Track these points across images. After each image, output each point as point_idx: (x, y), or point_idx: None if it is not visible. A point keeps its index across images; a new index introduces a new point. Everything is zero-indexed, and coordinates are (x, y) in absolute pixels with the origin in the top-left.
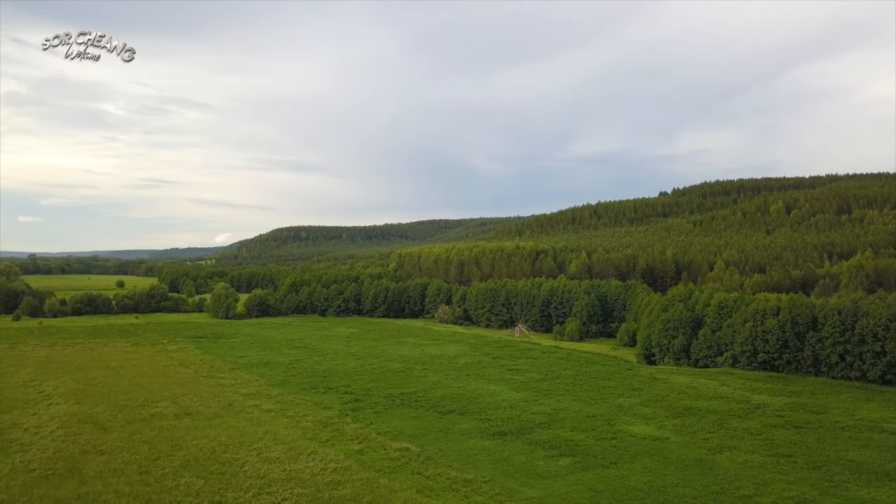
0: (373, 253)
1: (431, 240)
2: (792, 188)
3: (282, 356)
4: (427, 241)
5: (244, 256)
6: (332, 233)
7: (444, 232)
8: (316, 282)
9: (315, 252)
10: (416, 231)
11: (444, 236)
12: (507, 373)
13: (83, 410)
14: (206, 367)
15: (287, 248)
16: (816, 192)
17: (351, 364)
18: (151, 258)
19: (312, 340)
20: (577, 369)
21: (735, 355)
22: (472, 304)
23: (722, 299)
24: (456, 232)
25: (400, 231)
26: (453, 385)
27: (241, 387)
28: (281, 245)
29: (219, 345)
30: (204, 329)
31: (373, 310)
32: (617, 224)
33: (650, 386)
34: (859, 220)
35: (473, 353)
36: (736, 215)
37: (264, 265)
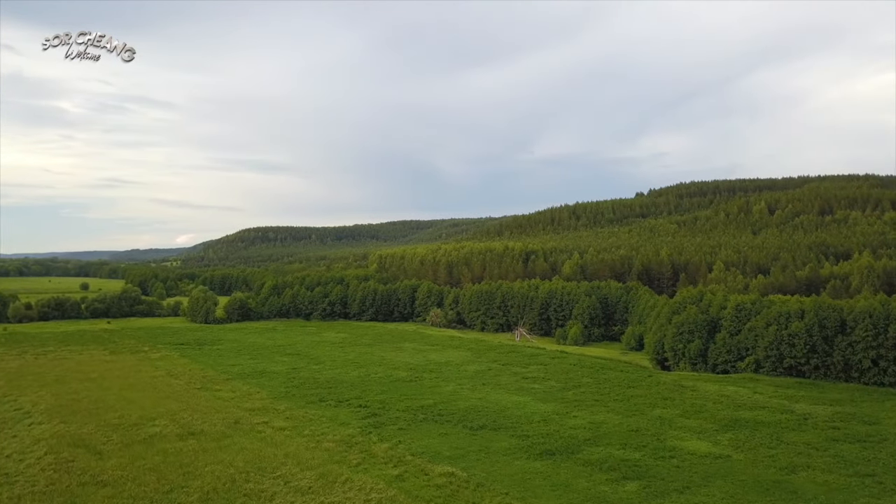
0: (346, 254)
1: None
2: (766, 189)
3: (276, 364)
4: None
5: (211, 258)
6: (300, 233)
7: (416, 233)
8: (299, 284)
9: (284, 253)
10: (387, 232)
11: (417, 237)
12: (524, 381)
13: (71, 431)
14: (197, 378)
15: (255, 248)
16: (797, 193)
17: (354, 373)
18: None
19: (303, 347)
20: (596, 376)
21: (758, 360)
22: (465, 307)
23: (739, 301)
24: (428, 233)
25: (370, 232)
26: (472, 396)
27: (242, 400)
28: (249, 246)
29: (204, 352)
30: (184, 335)
31: (360, 313)
32: (596, 225)
33: (680, 394)
34: (843, 221)
35: (479, 359)
36: (719, 216)
37: (233, 266)
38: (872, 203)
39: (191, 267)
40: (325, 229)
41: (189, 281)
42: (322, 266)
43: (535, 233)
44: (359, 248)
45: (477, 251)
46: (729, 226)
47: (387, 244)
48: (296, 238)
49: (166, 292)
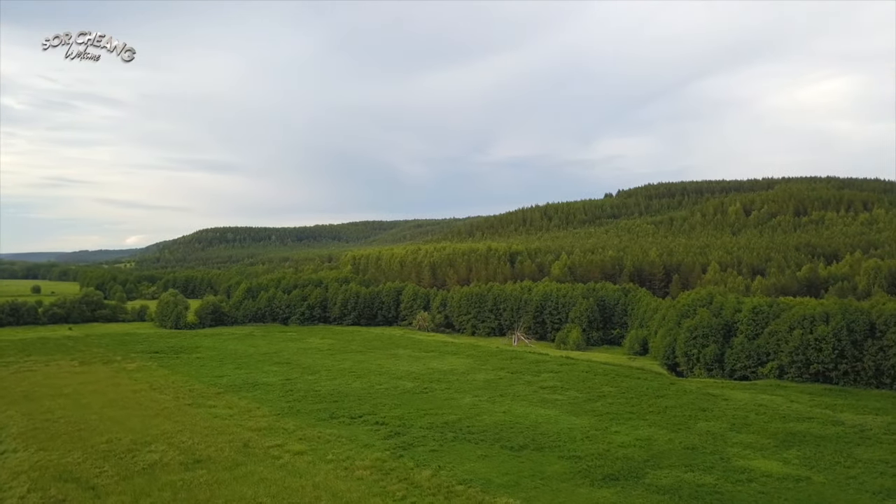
0: (311, 255)
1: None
2: (734, 191)
3: (267, 375)
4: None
5: (168, 259)
6: (260, 234)
7: (379, 233)
8: (275, 287)
9: (245, 254)
10: (349, 232)
11: (380, 238)
12: (542, 391)
13: (54, 461)
14: (184, 392)
15: (214, 249)
16: (771, 195)
17: (355, 384)
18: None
19: (289, 354)
20: (616, 385)
21: (782, 366)
22: (454, 310)
23: (756, 304)
24: (391, 233)
25: (332, 232)
26: (495, 409)
27: (242, 418)
28: (207, 247)
29: (184, 361)
30: (156, 342)
31: (341, 317)
32: (569, 225)
33: (714, 404)
34: (819, 222)
35: (483, 366)
36: (695, 216)
37: (192, 268)
38: (845, 204)
39: (147, 269)
40: (284, 230)
41: (149, 283)
42: (288, 268)
43: (507, 233)
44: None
45: (460, 252)
46: (707, 226)
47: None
48: (255, 239)
49: (126, 295)
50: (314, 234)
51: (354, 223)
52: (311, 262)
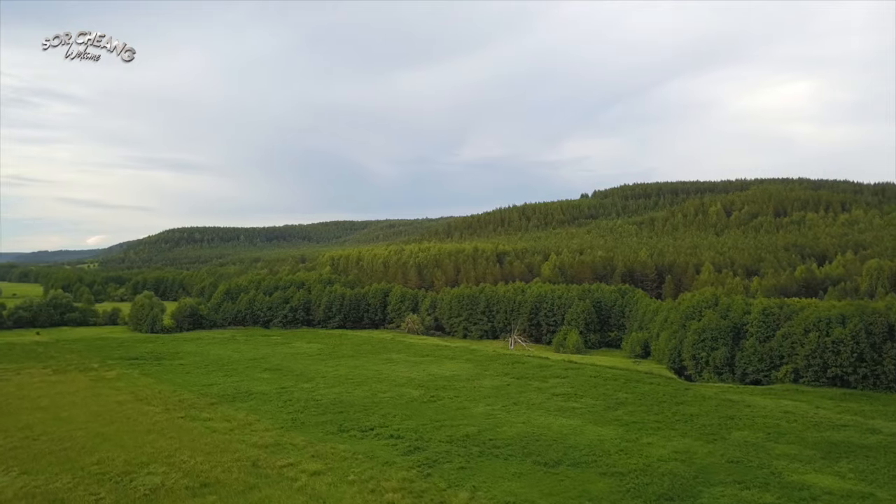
0: (283, 255)
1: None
2: (708, 192)
3: (258, 383)
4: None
5: (133, 259)
6: (228, 234)
7: (351, 234)
8: (255, 288)
9: (214, 254)
10: (320, 232)
11: (353, 238)
12: (556, 398)
13: (42, 486)
14: (174, 403)
15: (181, 250)
16: (749, 195)
17: (357, 392)
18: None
19: (278, 359)
20: (630, 391)
21: (797, 369)
22: (444, 313)
23: (766, 306)
24: (363, 233)
25: (302, 232)
26: (513, 419)
27: (243, 432)
28: (174, 247)
29: (167, 368)
30: (134, 347)
31: (326, 320)
32: (548, 226)
33: (739, 411)
34: (800, 222)
35: (486, 372)
36: (676, 217)
37: (160, 268)
38: (823, 205)
39: (113, 270)
40: (254, 230)
41: (117, 285)
42: (262, 269)
43: (486, 233)
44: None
45: (447, 253)
46: (690, 227)
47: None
48: (223, 239)
49: (93, 297)
50: (284, 235)
51: (325, 223)
52: (284, 262)
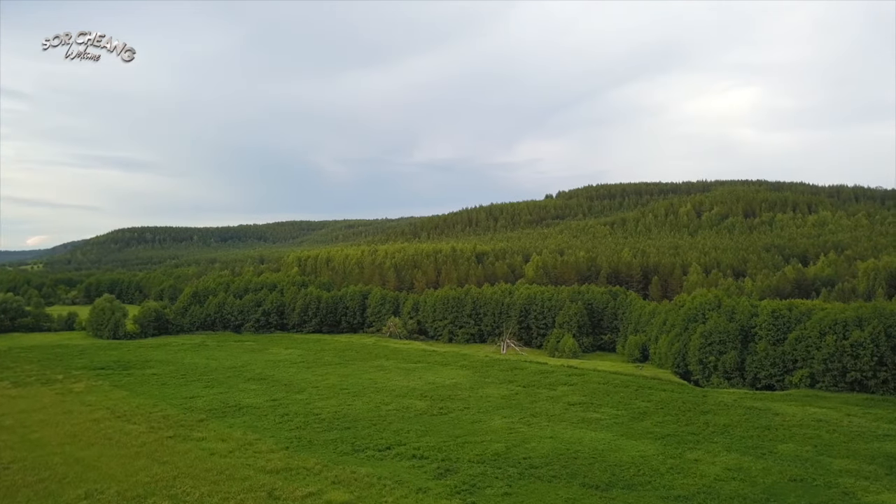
0: (241, 256)
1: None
2: (671, 193)
3: (246, 394)
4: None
5: (80, 260)
6: (181, 234)
7: (308, 234)
8: (224, 291)
9: (166, 255)
10: (276, 233)
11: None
12: (573, 408)
13: None
14: (158, 420)
15: (132, 251)
16: (717, 196)
17: (357, 404)
18: None
19: (259, 368)
20: (646, 398)
21: (813, 373)
22: (428, 316)
23: (775, 307)
24: (321, 234)
25: (257, 233)
26: (539, 434)
27: (246, 454)
28: (124, 248)
29: (138, 379)
30: (97, 355)
31: (301, 324)
32: (516, 226)
33: (771, 421)
34: (769, 223)
35: (486, 379)
36: (647, 217)
37: (111, 270)
38: (790, 206)
39: (60, 271)
40: (207, 230)
41: (68, 287)
42: (221, 270)
43: (454, 233)
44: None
45: (425, 253)
46: (663, 227)
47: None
48: (176, 239)
49: (43, 301)
50: (239, 235)
51: (280, 223)
52: (243, 263)
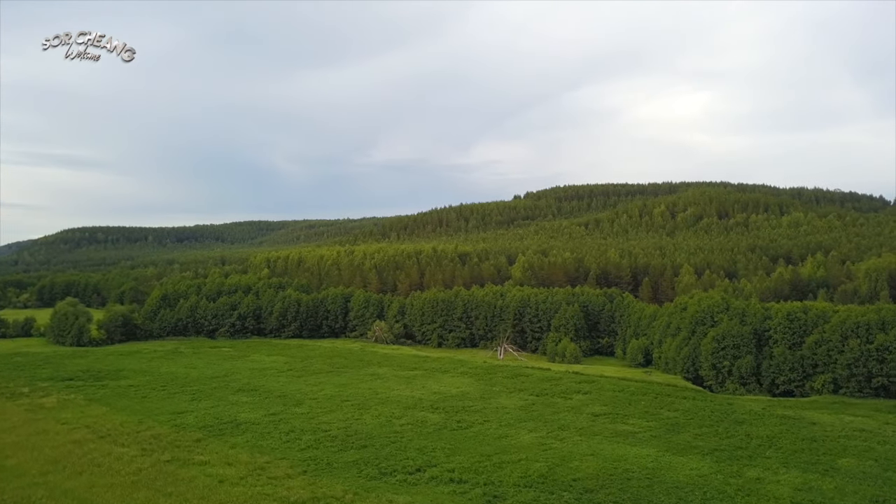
0: (200, 257)
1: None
2: (638, 194)
3: (239, 408)
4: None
5: (28, 262)
6: (135, 234)
7: (267, 234)
8: (195, 293)
9: (121, 256)
10: (234, 233)
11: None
12: (600, 420)
13: None
14: (149, 441)
15: (83, 251)
16: (690, 197)
17: (366, 419)
18: None
19: (245, 377)
20: (671, 407)
21: (836, 379)
22: (415, 319)
23: (790, 309)
24: (281, 234)
25: (214, 233)
26: (577, 451)
27: (261, 481)
28: (74, 248)
29: (115, 391)
30: (63, 365)
31: (279, 329)
32: (487, 226)
33: (812, 432)
34: (745, 224)
35: (494, 388)
36: (621, 218)
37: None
38: (762, 207)
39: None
40: (162, 230)
41: (18, 290)
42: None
43: (425, 234)
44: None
45: (406, 254)
46: (639, 228)
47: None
48: (130, 239)
49: None
50: (195, 235)
51: (238, 223)
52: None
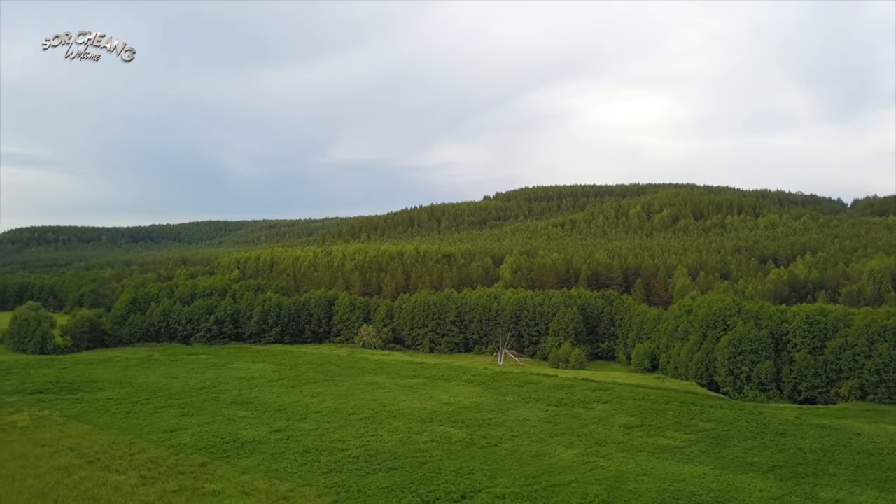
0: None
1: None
2: (606, 195)
3: (238, 424)
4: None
5: None
6: (88, 234)
7: (225, 234)
8: (168, 296)
9: (73, 257)
10: (191, 233)
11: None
12: (635, 434)
13: None
14: (146, 466)
15: (33, 251)
16: (665, 198)
17: (383, 435)
18: None
19: (234, 388)
20: (704, 417)
21: (863, 385)
22: (404, 323)
23: (809, 313)
24: (240, 234)
25: (170, 233)
26: (628, 470)
27: None
28: (23, 249)
29: (93, 406)
30: (29, 375)
31: (259, 334)
32: (460, 227)
33: (865, 444)
34: (721, 225)
35: (507, 397)
36: (598, 219)
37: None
38: (736, 208)
39: None
40: (116, 230)
41: None
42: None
43: (397, 234)
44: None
45: (389, 255)
46: (616, 229)
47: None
48: (82, 240)
49: None
50: (151, 235)
51: (196, 223)
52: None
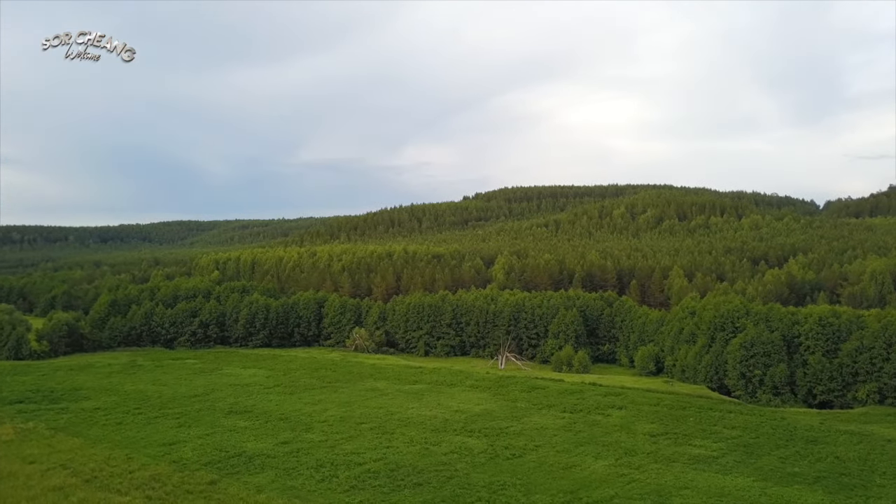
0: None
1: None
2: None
3: (241, 436)
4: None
5: None
6: (54, 234)
7: (198, 234)
8: (149, 299)
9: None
10: (161, 233)
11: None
12: (662, 442)
13: None
14: (150, 484)
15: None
16: (649, 199)
17: (399, 447)
18: None
19: (229, 396)
20: (726, 424)
21: (881, 388)
22: (398, 326)
23: (821, 314)
24: (212, 234)
25: (140, 233)
26: (669, 483)
27: None
28: None
29: (80, 417)
30: (5, 383)
31: (246, 337)
32: (441, 227)
33: (893, 449)
34: (705, 226)
35: (517, 404)
36: (582, 219)
37: None
38: (718, 210)
39: None
40: (84, 230)
41: None
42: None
43: (377, 234)
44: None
45: (378, 255)
46: (602, 229)
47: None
48: (48, 240)
49: None
50: (120, 235)
51: (167, 223)
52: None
